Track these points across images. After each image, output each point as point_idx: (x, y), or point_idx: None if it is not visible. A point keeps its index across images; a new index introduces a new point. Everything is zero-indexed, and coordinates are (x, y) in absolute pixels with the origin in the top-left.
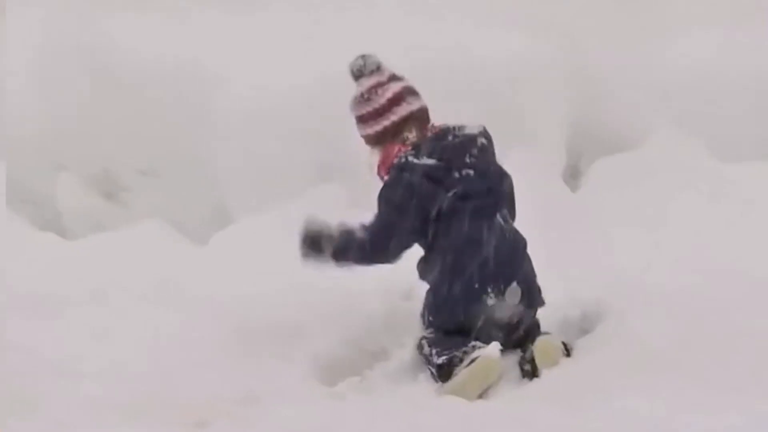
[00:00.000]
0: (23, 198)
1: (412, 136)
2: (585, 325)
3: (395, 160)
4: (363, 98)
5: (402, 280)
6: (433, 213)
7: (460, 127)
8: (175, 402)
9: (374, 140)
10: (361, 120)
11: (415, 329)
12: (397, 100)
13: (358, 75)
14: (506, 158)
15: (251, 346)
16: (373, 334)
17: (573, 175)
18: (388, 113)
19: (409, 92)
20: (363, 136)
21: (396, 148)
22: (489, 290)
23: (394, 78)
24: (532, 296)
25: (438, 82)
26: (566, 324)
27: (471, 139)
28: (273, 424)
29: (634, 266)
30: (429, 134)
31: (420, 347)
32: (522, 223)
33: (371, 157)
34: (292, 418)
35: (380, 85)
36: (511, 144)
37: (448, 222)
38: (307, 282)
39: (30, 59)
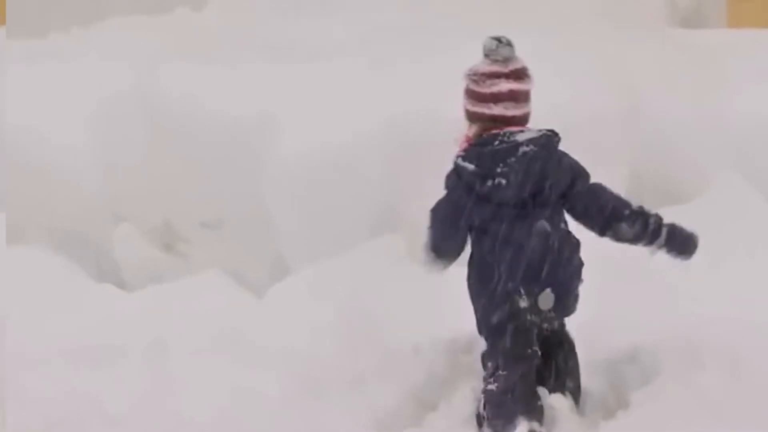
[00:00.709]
0: (82, 249)
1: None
2: (643, 378)
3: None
4: (474, 77)
5: (463, 333)
6: (466, 219)
7: (511, 133)
8: None
9: (468, 117)
10: (466, 93)
11: (474, 382)
12: (496, 98)
13: (486, 54)
14: None
15: (311, 397)
16: (432, 386)
17: None
18: (485, 104)
19: (513, 97)
20: (464, 107)
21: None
22: (522, 292)
23: (513, 76)
24: (566, 304)
25: None
26: (621, 376)
27: (513, 147)
28: None
29: (695, 316)
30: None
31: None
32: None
33: (468, 130)
34: None
35: (495, 76)
36: None
37: (483, 229)
38: (365, 333)
39: (91, 110)
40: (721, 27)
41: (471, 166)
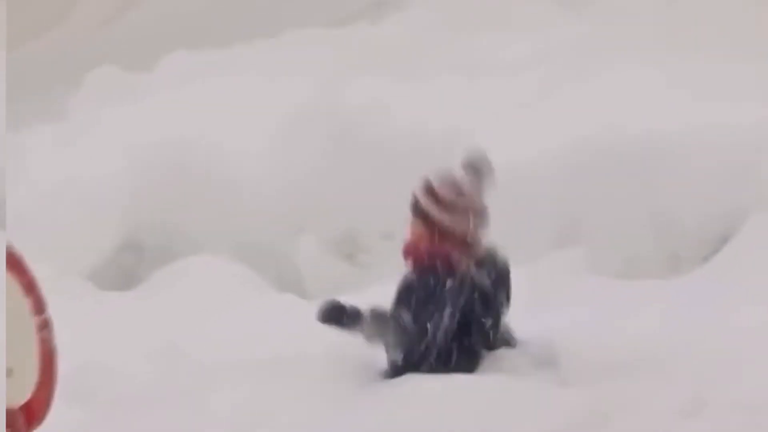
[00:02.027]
0: (264, 259)
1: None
2: None
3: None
4: (459, 191)
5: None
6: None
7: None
8: None
9: (434, 225)
10: (441, 201)
11: None
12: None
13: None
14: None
15: None
16: None
17: None
18: (458, 217)
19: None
20: (431, 214)
21: (448, 249)
22: None
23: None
24: None
25: (678, 149)
26: None
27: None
28: None
29: None
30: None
31: None
32: None
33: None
34: None
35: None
36: (751, 211)
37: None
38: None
39: (274, 122)
40: None
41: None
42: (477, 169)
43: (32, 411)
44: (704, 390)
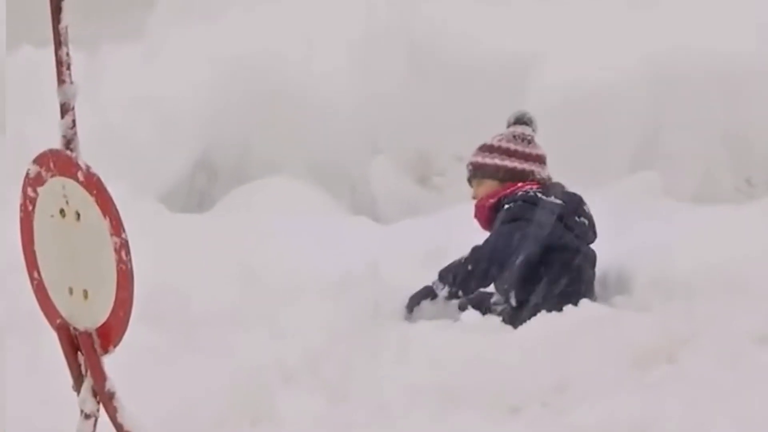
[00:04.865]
0: (339, 181)
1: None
2: None
3: (520, 192)
4: (518, 138)
5: None
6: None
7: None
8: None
9: (500, 173)
10: (507, 152)
11: None
12: (541, 159)
13: (518, 121)
14: None
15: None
16: None
17: None
18: (528, 161)
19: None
20: (489, 165)
21: (517, 186)
22: None
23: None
24: None
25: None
26: None
27: (581, 198)
28: (586, 412)
29: None
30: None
31: None
32: None
33: (478, 189)
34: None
35: (533, 139)
36: None
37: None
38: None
39: (352, 41)
40: None
41: (558, 201)
42: (523, 122)
43: (108, 333)
44: None
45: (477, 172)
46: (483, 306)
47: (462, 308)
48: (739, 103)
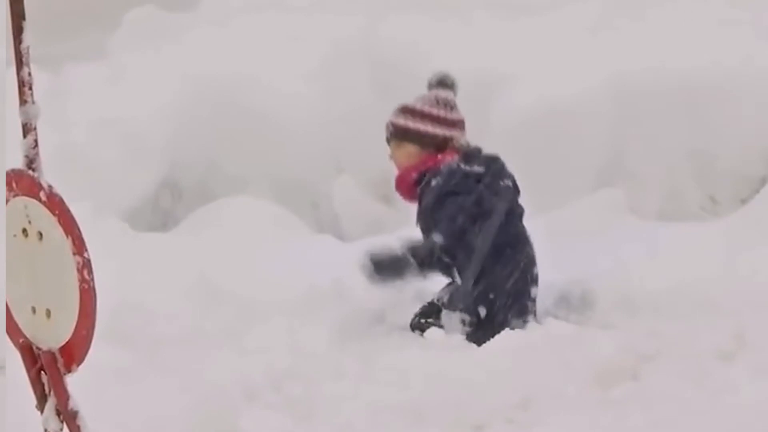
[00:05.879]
0: (302, 199)
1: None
2: None
3: (443, 166)
4: (441, 103)
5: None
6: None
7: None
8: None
9: (422, 139)
10: (430, 117)
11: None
12: (462, 125)
13: (441, 83)
14: None
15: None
16: None
17: None
18: (450, 128)
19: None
20: (411, 129)
21: (437, 159)
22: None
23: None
24: None
25: (719, 88)
26: None
27: (501, 161)
28: (550, 430)
29: None
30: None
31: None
32: None
33: (397, 151)
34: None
35: (455, 104)
36: None
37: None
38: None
39: (315, 60)
40: None
41: (480, 169)
42: (445, 85)
43: (71, 352)
44: (744, 331)
45: (398, 135)
46: (434, 314)
47: (415, 328)
48: (703, 120)
